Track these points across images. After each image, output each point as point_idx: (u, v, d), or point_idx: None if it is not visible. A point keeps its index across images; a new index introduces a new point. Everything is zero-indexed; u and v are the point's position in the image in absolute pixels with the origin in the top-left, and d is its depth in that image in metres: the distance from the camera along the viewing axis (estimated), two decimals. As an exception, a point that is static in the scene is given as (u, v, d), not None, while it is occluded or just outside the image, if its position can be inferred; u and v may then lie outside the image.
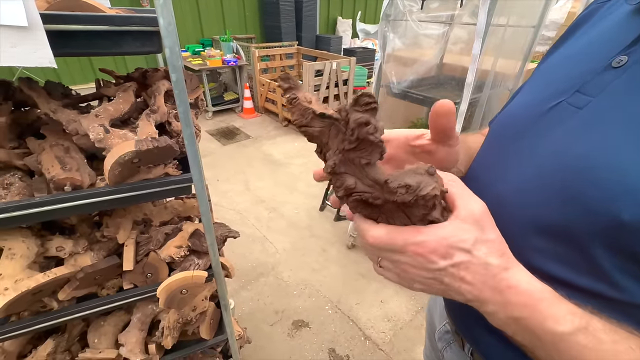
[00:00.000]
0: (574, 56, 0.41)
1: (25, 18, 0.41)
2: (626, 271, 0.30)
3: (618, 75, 0.33)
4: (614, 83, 0.33)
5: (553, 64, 0.45)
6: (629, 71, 0.32)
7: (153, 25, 0.50)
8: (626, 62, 0.32)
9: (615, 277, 0.30)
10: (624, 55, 0.33)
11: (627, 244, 0.29)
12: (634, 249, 0.29)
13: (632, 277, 0.30)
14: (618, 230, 0.29)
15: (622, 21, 0.37)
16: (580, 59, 0.39)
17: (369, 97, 0.28)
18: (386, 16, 1.78)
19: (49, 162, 0.61)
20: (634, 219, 0.27)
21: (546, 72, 0.45)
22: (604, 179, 0.30)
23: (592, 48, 0.39)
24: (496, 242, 0.31)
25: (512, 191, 0.38)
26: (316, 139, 0.32)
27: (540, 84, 0.44)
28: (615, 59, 0.33)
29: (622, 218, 0.28)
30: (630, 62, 0.32)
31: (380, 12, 1.71)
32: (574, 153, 0.33)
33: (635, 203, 0.27)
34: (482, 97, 1.68)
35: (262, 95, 4.45)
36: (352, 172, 0.30)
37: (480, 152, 0.48)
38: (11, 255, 0.64)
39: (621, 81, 0.32)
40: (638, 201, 0.27)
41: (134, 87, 0.70)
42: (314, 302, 1.87)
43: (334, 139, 0.30)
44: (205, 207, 0.71)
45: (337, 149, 0.30)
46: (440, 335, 0.63)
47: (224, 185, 2.96)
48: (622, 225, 0.28)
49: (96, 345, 0.86)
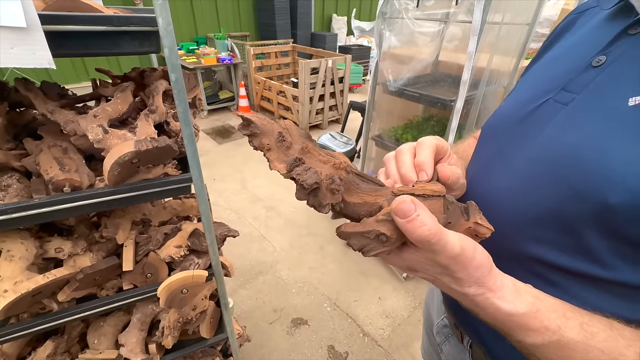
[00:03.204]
0: (559, 58, 0.44)
1: (24, 19, 0.40)
2: (616, 251, 0.32)
3: (598, 73, 0.36)
4: (594, 80, 0.36)
5: (539, 67, 0.48)
6: (608, 69, 0.35)
7: (152, 25, 0.50)
8: (605, 61, 0.36)
9: (606, 257, 0.33)
10: (602, 55, 0.36)
11: (615, 225, 0.31)
12: (622, 230, 0.31)
13: (622, 257, 0.32)
14: (606, 213, 0.31)
15: (599, 25, 0.41)
16: (564, 61, 0.42)
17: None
18: (382, 14, 1.78)
19: (47, 163, 0.60)
20: (619, 202, 0.30)
21: (533, 75, 0.48)
22: (590, 167, 0.32)
23: (575, 50, 0.42)
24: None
25: (506, 183, 0.40)
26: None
27: (528, 85, 0.47)
28: (595, 59, 0.37)
29: (608, 202, 0.30)
30: (609, 61, 0.35)
31: (375, 10, 1.71)
32: (563, 145, 0.35)
33: (619, 187, 0.30)
34: (478, 94, 1.69)
35: (257, 94, 4.43)
36: None
37: (474, 153, 0.50)
38: (10, 257, 0.64)
39: (601, 78, 0.35)
40: (621, 185, 0.30)
41: (131, 87, 0.69)
42: (312, 300, 1.88)
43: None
44: (205, 206, 0.71)
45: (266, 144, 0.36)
46: (439, 330, 0.64)
47: (220, 184, 2.95)
48: (609, 208, 0.30)
49: (96, 346, 0.86)
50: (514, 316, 0.30)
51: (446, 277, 0.32)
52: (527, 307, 0.30)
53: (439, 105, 1.72)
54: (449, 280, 0.32)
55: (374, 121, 2.22)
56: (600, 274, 0.33)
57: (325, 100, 4.00)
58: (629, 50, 0.34)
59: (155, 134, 0.66)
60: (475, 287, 0.31)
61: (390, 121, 2.22)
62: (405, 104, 2.01)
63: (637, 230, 0.30)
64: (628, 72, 0.33)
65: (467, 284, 0.31)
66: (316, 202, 0.34)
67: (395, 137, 2.17)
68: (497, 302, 0.31)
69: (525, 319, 0.30)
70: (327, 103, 4.05)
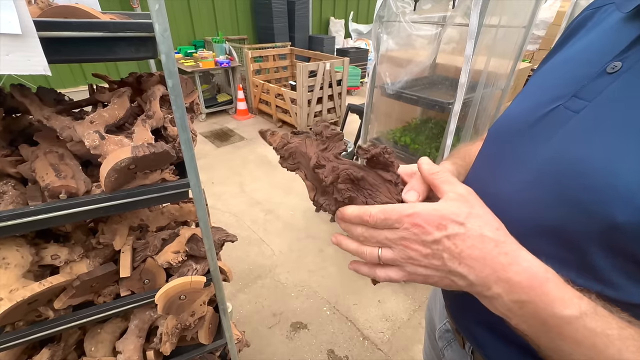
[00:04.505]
0: (571, 61, 0.42)
1: (19, 26, 0.40)
2: (622, 271, 0.31)
3: (612, 80, 0.34)
4: (608, 88, 0.34)
5: (550, 68, 0.46)
6: (623, 77, 0.33)
7: (148, 31, 0.49)
8: (620, 68, 0.33)
9: (612, 276, 0.31)
10: (617, 61, 0.34)
11: (621, 244, 0.30)
12: (628, 249, 0.29)
13: (627, 276, 0.31)
14: (613, 232, 0.29)
15: (615, 28, 0.38)
16: (576, 64, 0.40)
17: (325, 121, 0.42)
18: (379, 17, 1.79)
19: (43, 169, 0.60)
20: (627, 221, 0.28)
21: (544, 76, 0.46)
22: (598, 183, 0.30)
23: (588, 53, 0.40)
24: (487, 216, 0.32)
25: (511, 193, 0.39)
26: (297, 158, 0.40)
27: (538, 88, 0.45)
28: (610, 65, 0.34)
29: (616, 220, 0.29)
30: (624, 68, 0.33)
31: (372, 12, 1.72)
32: (571, 157, 0.33)
33: (628, 206, 0.28)
34: (476, 96, 1.69)
35: (255, 97, 4.43)
36: (329, 162, 0.38)
37: (478, 156, 0.49)
38: (5, 265, 0.63)
39: (615, 87, 0.33)
40: (630, 204, 0.28)
41: (128, 92, 0.69)
42: (312, 304, 1.87)
43: (310, 147, 0.39)
44: (203, 211, 0.71)
45: (315, 151, 0.39)
46: (441, 334, 0.64)
47: (219, 188, 2.94)
48: (616, 226, 0.29)
49: (93, 353, 0.85)
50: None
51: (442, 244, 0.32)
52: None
53: (437, 107, 1.72)
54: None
55: (372, 124, 2.23)
56: (605, 293, 0.32)
57: (323, 102, 4.01)
58: None
59: (152, 139, 0.65)
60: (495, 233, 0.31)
61: (388, 124, 2.23)
62: (403, 107, 2.02)
63: None
64: None
65: None
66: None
67: (393, 139, 2.17)
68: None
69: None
70: (325, 106, 4.06)
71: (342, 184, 0.36)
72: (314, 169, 0.37)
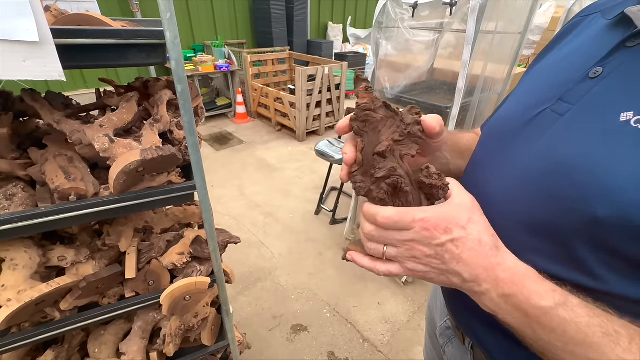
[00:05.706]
0: (558, 65, 0.45)
1: (37, 34, 0.42)
2: (606, 264, 0.33)
3: (594, 85, 0.36)
4: (590, 92, 0.36)
5: (539, 71, 0.49)
6: (604, 82, 0.35)
7: (159, 38, 0.51)
8: (601, 73, 0.36)
9: (596, 269, 0.33)
10: (599, 66, 0.36)
11: (604, 238, 0.32)
12: (610, 243, 0.32)
13: (611, 269, 0.33)
14: (595, 226, 0.32)
15: (599, 34, 0.41)
16: (562, 69, 0.43)
17: (417, 108, 0.38)
18: (378, 23, 1.82)
19: (53, 172, 0.61)
20: (607, 215, 0.31)
21: (533, 79, 0.49)
22: (580, 179, 0.33)
23: (574, 58, 0.42)
24: (484, 223, 0.36)
25: (501, 191, 0.42)
26: (367, 128, 0.37)
27: (527, 91, 0.47)
28: (592, 70, 0.37)
29: (597, 215, 0.31)
30: (605, 73, 0.36)
31: (370, 17, 1.75)
32: (556, 157, 0.36)
33: (607, 201, 0.31)
34: (473, 101, 1.72)
35: (254, 100, 4.46)
36: (392, 158, 0.37)
37: (473, 155, 0.51)
38: (14, 266, 0.64)
39: (596, 91, 0.36)
40: (609, 199, 0.31)
41: (136, 97, 0.71)
42: (312, 306, 1.87)
43: (387, 130, 0.37)
44: (208, 214, 0.72)
45: (389, 138, 0.36)
46: (442, 332, 0.65)
47: (218, 191, 2.95)
48: (597, 221, 0.31)
49: (97, 355, 0.86)
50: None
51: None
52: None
53: (435, 111, 1.75)
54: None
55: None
56: (593, 286, 0.34)
57: (322, 106, 4.04)
58: (626, 64, 0.34)
59: (160, 142, 0.67)
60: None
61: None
62: (401, 111, 2.04)
63: (626, 244, 0.30)
64: (623, 86, 0.34)
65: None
66: None
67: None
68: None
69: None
70: (324, 109, 4.09)
71: (385, 186, 0.36)
72: (376, 154, 0.36)
